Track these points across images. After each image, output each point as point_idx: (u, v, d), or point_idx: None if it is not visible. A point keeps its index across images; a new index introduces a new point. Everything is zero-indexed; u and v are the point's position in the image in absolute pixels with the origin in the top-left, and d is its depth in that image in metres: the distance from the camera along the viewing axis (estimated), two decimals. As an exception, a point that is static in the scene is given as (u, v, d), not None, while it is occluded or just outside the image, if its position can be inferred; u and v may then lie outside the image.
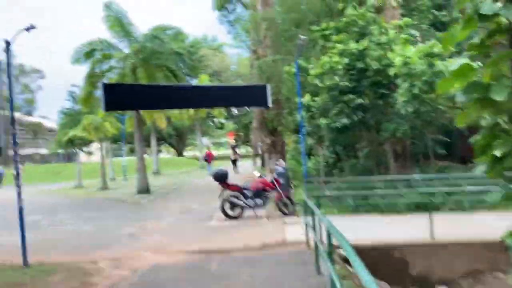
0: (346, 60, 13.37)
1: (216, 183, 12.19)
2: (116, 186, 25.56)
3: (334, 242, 4.63)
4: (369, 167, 15.38)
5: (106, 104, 9.17)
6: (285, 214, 11.78)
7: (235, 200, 11.77)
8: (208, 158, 31.94)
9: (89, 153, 53.05)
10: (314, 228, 7.11)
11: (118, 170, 32.14)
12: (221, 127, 67.44)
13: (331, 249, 4.88)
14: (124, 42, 19.45)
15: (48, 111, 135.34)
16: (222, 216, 11.86)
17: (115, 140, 50.62)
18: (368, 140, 15.56)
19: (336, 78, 13.43)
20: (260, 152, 25.74)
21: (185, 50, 36.57)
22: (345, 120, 12.97)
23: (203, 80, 37.21)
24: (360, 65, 13.39)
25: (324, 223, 5.05)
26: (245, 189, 12.02)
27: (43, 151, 71.84)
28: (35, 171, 39.61)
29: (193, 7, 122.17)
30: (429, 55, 11.91)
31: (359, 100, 13.02)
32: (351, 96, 13.10)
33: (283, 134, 19.16)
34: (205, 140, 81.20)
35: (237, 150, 35.18)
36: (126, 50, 19.37)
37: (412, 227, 9.82)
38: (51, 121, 74.64)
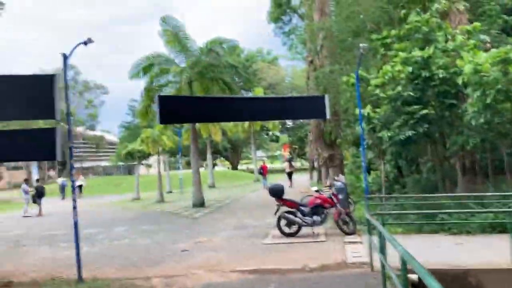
0: (409, 69, 12.56)
1: (271, 198, 11.74)
2: (173, 198, 25.75)
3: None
4: (433, 182, 14.35)
5: (161, 117, 9.04)
6: (345, 232, 11.10)
7: (291, 217, 11.25)
8: (263, 171, 31.61)
9: (148, 166, 54.46)
10: (382, 250, 6.49)
11: (175, 183, 32.48)
12: (276, 140, 67.17)
13: (405, 274, 4.28)
14: (180, 56, 19.61)
15: (110, 125, 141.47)
16: (278, 233, 11.36)
17: (172, 153, 51.75)
18: (433, 154, 14.55)
19: (399, 88, 12.65)
20: (316, 165, 25.04)
21: (241, 63, 36.73)
22: (409, 133, 12.12)
23: (257, 93, 37.20)
24: (425, 73, 12.51)
25: (394, 245, 4.48)
26: (302, 205, 11.48)
27: (105, 163, 74.80)
28: (97, 183, 41.10)
29: (245, 23, 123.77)
30: (504, 61, 10.90)
31: (424, 111, 12.13)
32: (415, 106, 12.26)
33: (341, 147, 18.43)
34: (259, 153, 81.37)
35: (293, 163, 34.60)
36: (183, 64, 19.51)
37: (487, 249, 8.90)
38: (113, 135, 77.75)
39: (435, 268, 7.32)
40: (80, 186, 34.11)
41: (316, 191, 12.39)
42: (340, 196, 11.90)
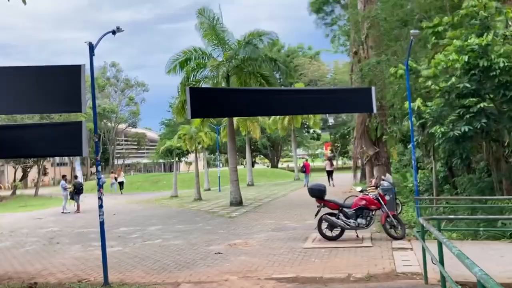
0: (465, 58, 11.33)
1: (312, 198, 10.90)
2: (210, 197, 25.30)
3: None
4: (489, 183, 13.07)
5: (192, 110, 8.38)
6: (393, 237, 10.11)
7: (333, 219, 10.37)
8: (306, 169, 30.75)
9: (189, 163, 54.48)
10: (441, 260, 5.62)
11: (214, 180, 32.09)
12: (317, 137, 65.81)
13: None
14: (218, 50, 19.03)
15: (152, 123, 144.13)
16: (319, 236, 10.52)
17: (212, 150, 51.62)
18: (488, 152, 13.23)
19: (453, 79, 11.47)
20: (360, 164, 23.88)
21: (281, 58, 35.82)
22: (465, 128, 10.94)
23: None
24: (482, 63, 11.26)
25: (462, 260, 3.63)
26: (345, 207, 10.57)
27: (146, 161, 75.78)
28: (136, 180, 41.33)
29: (285, 20, 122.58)
30: None
31: (482, 104, 10.92)
32: (472, 99, 11.06)
33: (387, 144, 17.28)
34: (300, 151, 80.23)
35: (333, 162, 33.46)
36: (220, 58, 18.91)
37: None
38: (154, 132, 78.69)
39: (506, 283, 6.30)
40: (121, 183, 34.39)
41: (360, 191, 11.45)
42: (387, 197, 10.96)
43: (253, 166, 75.15)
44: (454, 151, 11.98)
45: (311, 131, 63.38)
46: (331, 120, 58.79)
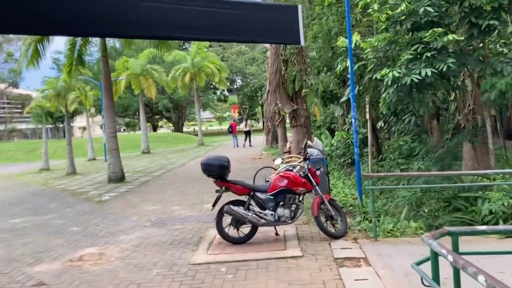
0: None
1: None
2: (91, 169, 20.49)
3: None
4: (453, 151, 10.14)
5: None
6: (331, 236, 6.61)
7: (241, 211, 6.57)
8: (233, 129, 30.48)
9: (83, 128, 47.91)
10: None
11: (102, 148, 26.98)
12: (224, 99, 61.82)
13: None
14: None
15: (38, 82, 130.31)
16: (219, 237, 6.72)
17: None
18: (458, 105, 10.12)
19: (406, 3, 8.03)
20: (270, 125, 20.39)
21: None
22: (426, 71, 7.57)
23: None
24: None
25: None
26: (258, 190, 6.79)
27: (32, 126, 66.83)
28: (7, 149, 34.37)
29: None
30: None
31: (451, 37, 7.60)
32: (436, 30, 7.69)
33: (308, 100, 13.74)
34: (207, 115, 76.02)
35: (248, 123, 31.84)
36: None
37: None
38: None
39: None
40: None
41: (281, 163, 7.80)
42: (318, 172, 7.38)
43: (155, 130, 69.76)
44: (407, 104, 8.66)
45: (218, 92, 59.18)
46: (239, 81, 55.01)
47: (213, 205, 6.66)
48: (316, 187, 6.86)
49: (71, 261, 6.34)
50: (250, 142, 30.02)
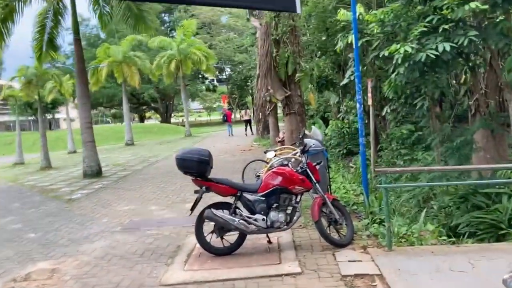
0: None
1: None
2: (69, 162, 19.14)
3: None
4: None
5: None
6: (335, 244, 5.44)
7: (225, 216, 5.36)
8: (227, 118, 29.87)
9: (71, 120, 46.60)
10: None
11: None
12: (213, 89, 60.32)
13: None
14: None
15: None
16: (200, 247, 5.52)
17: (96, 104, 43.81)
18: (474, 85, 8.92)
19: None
20: (261, 115, 19.13)
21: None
22: (444, 46, 6.38)
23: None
24: None
25: None
26: (246, 190, 5.58)
27: (14, 118, 64.76)
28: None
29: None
30: None
31: (474, 5, 6.41)
32: (453, -2, 6.50)
33: (302, 85, 12.49)
34: (196, 105, 74.47)
35: (248, 111, 31.91)
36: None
37: None
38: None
39: None
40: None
41: (274, 156, 6.62)
42: (318, 167, 6.17)
43: (142, 121, 68.06)
44: (418, 87, 7.47)
45: (207, 81, 57.68)
46: (228, 70, 53.55)
47: (191, 209, 5.45)
48: (317, 185, 5.68)
49: (14, 281, 5.11)
50: (252, 130, 29.09)
